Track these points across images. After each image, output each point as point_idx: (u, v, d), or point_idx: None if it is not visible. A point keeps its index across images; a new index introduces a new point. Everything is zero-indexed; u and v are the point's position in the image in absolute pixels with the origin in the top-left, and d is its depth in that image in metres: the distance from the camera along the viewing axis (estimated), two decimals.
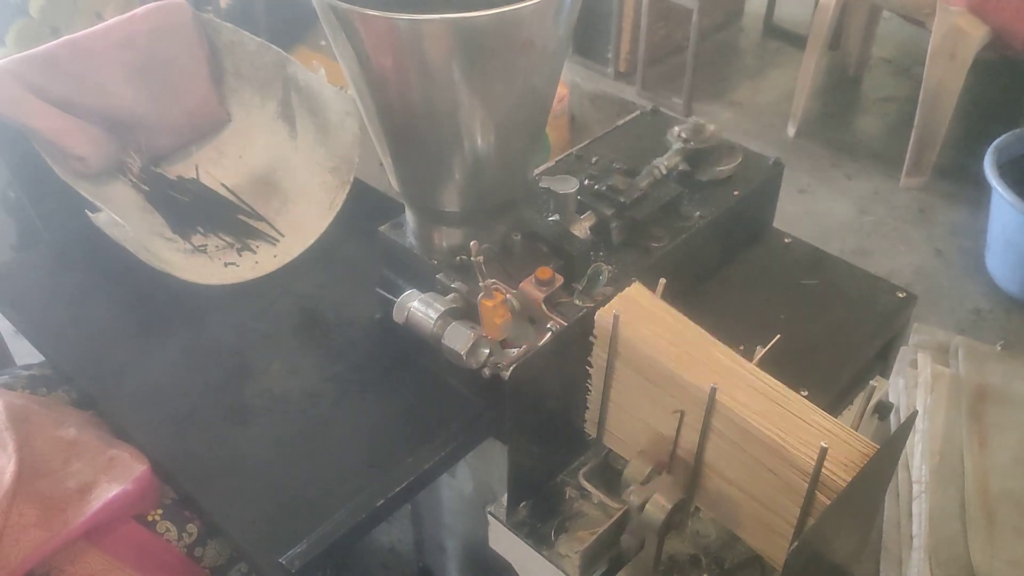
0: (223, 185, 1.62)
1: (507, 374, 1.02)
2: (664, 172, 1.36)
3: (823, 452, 0.84)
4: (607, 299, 1.02)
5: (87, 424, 1.23)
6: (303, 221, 1.55)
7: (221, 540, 1.21)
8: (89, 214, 1.36)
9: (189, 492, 1.18)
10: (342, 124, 1.52)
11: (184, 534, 1.19)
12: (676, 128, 1.43)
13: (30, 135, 1.42)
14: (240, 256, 1.51)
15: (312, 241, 1.51)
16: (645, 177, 1.34)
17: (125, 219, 1.36)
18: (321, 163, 1.58)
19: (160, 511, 1.19)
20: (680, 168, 1.39)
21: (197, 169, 1.62)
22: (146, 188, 1.56)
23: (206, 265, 1.48)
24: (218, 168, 1.64)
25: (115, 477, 1.15)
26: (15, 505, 1.08)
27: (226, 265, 1.49)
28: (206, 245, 1.52)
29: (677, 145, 1.41)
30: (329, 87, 1.52)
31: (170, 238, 1.51)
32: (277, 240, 1.54)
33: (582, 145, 1.53)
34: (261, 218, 1.58)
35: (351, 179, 1.54)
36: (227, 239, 1.54)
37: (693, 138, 1.40)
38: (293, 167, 1.61)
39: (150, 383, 1.31)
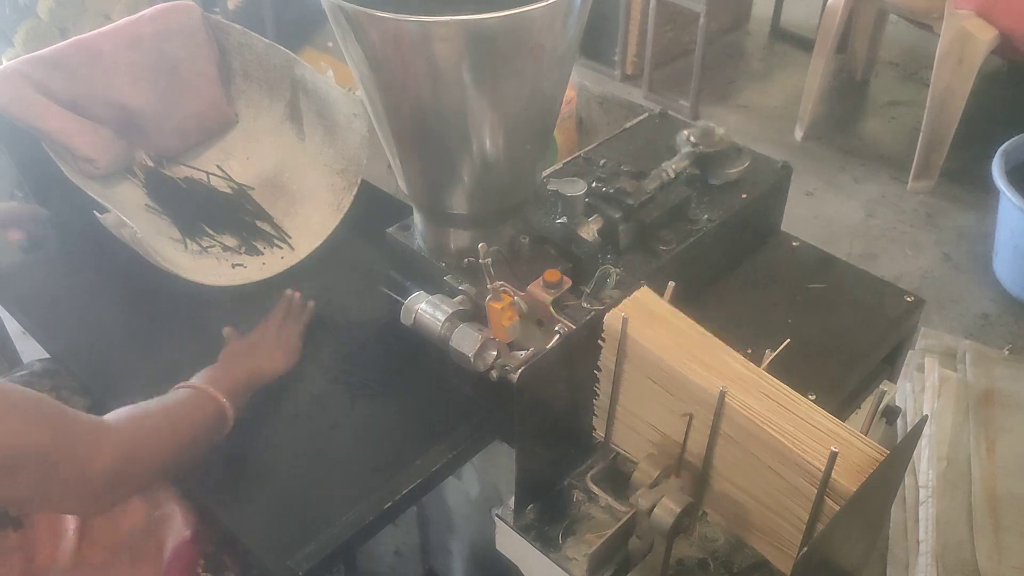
0: (231, 187, 1.62)
1: (516, 376, 1.02)
2: (672, 175, 1.35)
3: (833, 456, 0.84)
4: (615, 302, 1.02)
5: None
6: (311, 223, 1.55)
7: None
8: (97, 215, 1.36)
9: (196, 494, 1.18)
10: (350, 126, 1.52)
11: None
12: (685, 132, 1.42)
13: (39, 136, 1.42)
14: (247, 257, 1.51)
15: (319, 243, 1.51)
16: (653, 180, 1.33)
17: (133, 220, 1.36)
18: (329, 165, 1.58)
19: (203, 562, 1.17)
20: (688, 172, 1.38)
21: (207, 173, 1.62)
22: (154, 189, 1.56)
23: (213, 266, 1.48)
24: (226, 169, 1.64)
25: (165, 538, 1.14)
26: None
27: (233, 266, 1.49)
28: (213, 246, 1.52)
29: (686, 149, 1.40)
30: (337, 89, 1.52)
31: (177, 239, 1.51)
32: (284, 242, 1.54)
33: (590, 148, 1.53)
34: (269, 219, 1.58)
35: (359, 181, 1.54)
36: (234, 240, 1.54)
37: (702, 142, 1.39)
38: (301, 169, 1.61)
39: (157, 384, 1.30)
